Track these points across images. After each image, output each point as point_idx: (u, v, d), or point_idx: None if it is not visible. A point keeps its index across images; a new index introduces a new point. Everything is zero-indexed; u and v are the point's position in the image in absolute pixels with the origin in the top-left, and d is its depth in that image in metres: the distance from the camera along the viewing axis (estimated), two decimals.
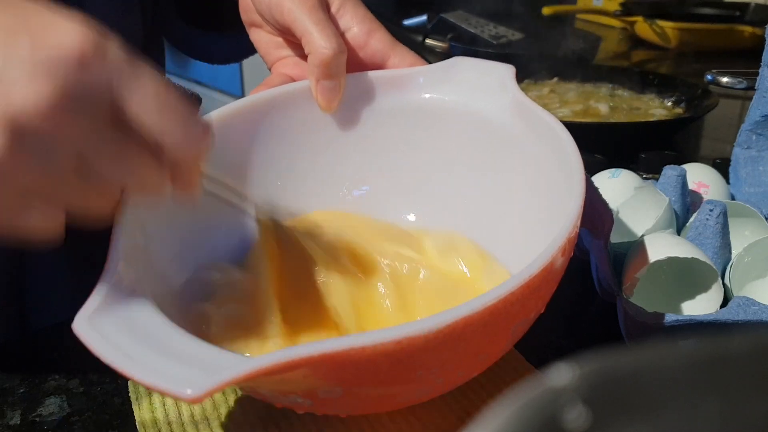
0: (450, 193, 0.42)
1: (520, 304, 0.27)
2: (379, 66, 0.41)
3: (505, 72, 0.40)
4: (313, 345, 0.24)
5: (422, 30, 1.08)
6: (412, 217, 0.43)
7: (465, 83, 0.41)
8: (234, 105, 0.39)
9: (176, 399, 0.23)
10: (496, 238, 0.39)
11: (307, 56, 0.38)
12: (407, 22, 1.13)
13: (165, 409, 0.34)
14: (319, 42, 0.37)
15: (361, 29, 0.40)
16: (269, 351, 0.29)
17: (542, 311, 0.31)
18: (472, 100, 0.40)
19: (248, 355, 0.30)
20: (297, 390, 0.27)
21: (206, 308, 0.34)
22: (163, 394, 0.23)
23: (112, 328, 0.25)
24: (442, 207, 0.42)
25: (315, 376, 0.25)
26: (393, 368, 0.25)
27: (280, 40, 0.43)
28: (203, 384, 0.22)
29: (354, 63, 0.40)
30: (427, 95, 0.41)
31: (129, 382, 0.36)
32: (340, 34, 0.39)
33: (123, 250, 0.29)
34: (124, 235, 0.29)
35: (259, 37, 0.43)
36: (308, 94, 0.40)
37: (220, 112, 0.39)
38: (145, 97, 0.24)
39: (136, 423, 0.33)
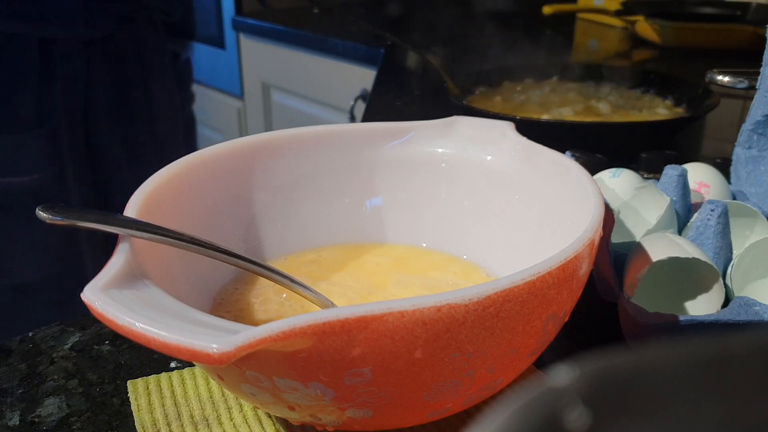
0: (459, 229, 0.43)
1: (556, 289, 0.27)
2: None
3: (505, 126, 0.42)
4: (350, 308, 0.23)
5: None
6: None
7: (466, 137, 0.43)
8: (238, 142, 0.40)
9: (200, 360, 0.22)
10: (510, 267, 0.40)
11: None
12: None
13: (164, 410, 0.34)
14: None
15: None
16: None
17: (567, 318, 0.31)
18: (474, 151, 0.42)
19: None
20: (322, 373, 0.25)
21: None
22: (182, 357, 0.22)
23: (125, 297, 0.24)
24: (452, 241, 0.43)
25: (347, 346, 0.24)
26: (428, 344, 0.24)
27: None
28: (231, 340, 0.21)
29: None
30: (429, 147, 0.43)
31: (128, 382, 0.36)
32: None
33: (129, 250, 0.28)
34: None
35: None
36: (317, 140, 0.42)
37: (218, 148, 0.39)
38: None
39: (136, 424, 0.33)
